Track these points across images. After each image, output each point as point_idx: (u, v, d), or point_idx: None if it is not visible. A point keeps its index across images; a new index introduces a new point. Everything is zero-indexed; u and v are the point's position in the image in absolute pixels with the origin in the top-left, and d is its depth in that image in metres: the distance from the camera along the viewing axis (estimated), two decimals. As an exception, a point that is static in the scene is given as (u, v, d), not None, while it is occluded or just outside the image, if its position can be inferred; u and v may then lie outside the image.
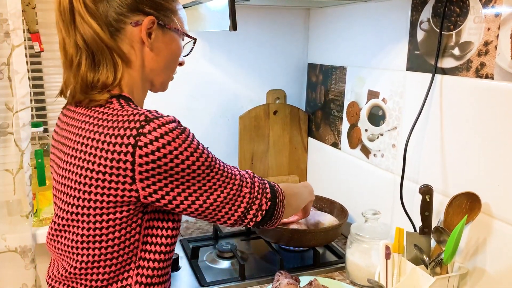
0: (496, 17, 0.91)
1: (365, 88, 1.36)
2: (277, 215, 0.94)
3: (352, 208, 1.43)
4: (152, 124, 0.76)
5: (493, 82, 0.93)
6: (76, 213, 0.81)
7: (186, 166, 0.78)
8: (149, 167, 0.75)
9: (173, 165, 0.76)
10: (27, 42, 1.40)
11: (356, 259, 1.16)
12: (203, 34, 1.56)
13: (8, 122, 1.30)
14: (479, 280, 0.99)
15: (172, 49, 0.91)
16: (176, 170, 0.77)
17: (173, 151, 0.76)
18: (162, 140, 0.75)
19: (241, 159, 1.65)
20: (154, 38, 0.86)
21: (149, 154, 0.74)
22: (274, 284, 1.08)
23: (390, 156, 1.26)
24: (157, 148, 0.75)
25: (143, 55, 0.87)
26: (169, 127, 0.76)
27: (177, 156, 0.76)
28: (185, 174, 0.78)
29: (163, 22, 0.87)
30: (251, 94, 1.68)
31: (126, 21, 0.83)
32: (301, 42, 1.70)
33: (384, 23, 1.27)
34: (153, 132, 0.75)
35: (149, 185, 0.76)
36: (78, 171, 0.80)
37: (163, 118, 0.77)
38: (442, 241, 0.99)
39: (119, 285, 0.84)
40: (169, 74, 0.95)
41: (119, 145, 0.75)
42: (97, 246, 0.81)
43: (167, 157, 0.75)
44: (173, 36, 0.90)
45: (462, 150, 1.02)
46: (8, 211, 1.36)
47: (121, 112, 0.79)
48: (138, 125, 0.75)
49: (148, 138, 0.74)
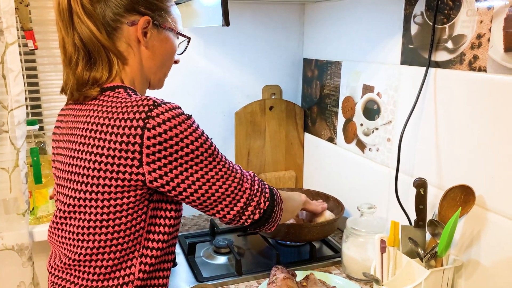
0: (489, 10, 0.91)
1: (360, 83, 1.36)
2: (275, 217, 0.95)
3: (348, 202, 1.43)
4: (160, 108, 0.79)
5: (486, 75, 0.93)
6: (84, 199, 0.83)
7: (190, 150, 0.81)
8: (156, 149, 0.78)
9: (178, 148, 0.79)
10: (21, 40, 1.39)
11: (352, 253, 1.17)
12: (198, 30, 1.56)
13: (3, 120, 1.30)
14: (474, 272, 0.99)
15: (167, 48, 0.94)
16: (180, 154, 0.80)
17: (179, 134, 0.79)
18: (169, 123, 0.78)
19: (237, 155, 1.65)
20: (149, 37, 0.90)
21: (156, 136, 0.77)
22: (271, 279, 1.08)
23: (385, 150, 1.27)
24: (164, 130, 0.78)
25: (140, 54, 0.91)
26: (176, 112, 0.80)
27: (182, 139, 0.79)
28: (189, 159, 0.81)
29: (158, 21, 0.91)
30: (246, 89, 1.67)
31: (122, 21, 0.87)
32: (296, 37, 1.70)
33: (378, 17, 1.27)
34: (161, 116, 0.78)
35: (155, 169, 0.79)
36: (87, 157, 0.82)
37: (170, 104, 0.81)
38: (436, 234, 0.99)
39: (122, 273, 0.85)
40: (165, 72, 0.98)
41: (128, 128, 0.78)
42: (104, 232, 0.83)
43: (173, 139, 0.78)
44: (168, 35, 0.94)
45: (456, 143, 1.02)
46: (5, 209, 1.36)
47: (130, 99, 0.82)
48: (147, 109, 0.79)
49: (156, 120, 0.78)
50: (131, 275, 0.86)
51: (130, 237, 0.84)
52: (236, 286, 1.16)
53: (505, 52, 0.88)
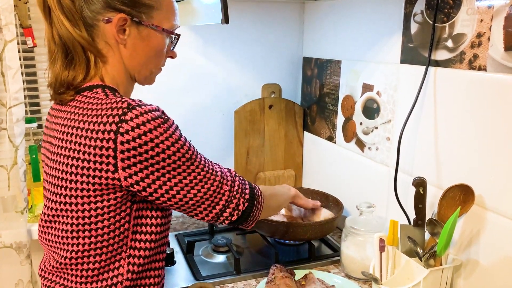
0: (489, 8, 0.91)
1: (359, 82, 1.36)
2: (253, 216, 0.94)
3: (347, 201, 1.43)
4: (135, 111, 0.76)
5: (486, 74, 0.93)
6: (64, 203, 0.82)
7: (167, 156, 0.78)
8: (130, 154, 0.76)
9: (154, 153, 0.77)
10: (20, 37, 1.39)
11: (351, 252, 1.17)
12: (196, 28, 1.56)
13: (2, 118, 1.29)
14: (473, 272, 0.99)
15: (151, 45, 0.89)
16: (156, 159, 0.78)
17: (154, 139, 0.77)
18: (144, 127, 0.76)
19: (237, 154, 1.65)
20: (128, 35, 0.86)
21: (130, 141, 0.75)
22: (269, 278, 1.08)
23: (385, 149, 1.26)
24: (138, 135, 0.75)
25: (120, 52, 0.87)
26: (152, 115, 0.77)
27: (158, 144, 0.77)
28: (166, 165, 0.79)
29: (138, 18, 0.85)
30: (246, 88, 1.67)
31: (98, 18, 0.84)
32: (296, 35, 1.69)
33: (378, 16, 1.27)
34: (135, 119, 0.76)
35: (131, 174, 0.77)
36: (65, 160, 0.81)
37: (146, 107, 0.78)
38: (436, 233, 0.99)
39: (110, 274, 0.85)
40: (151, 69, 0.93)
41: (101, 132, 0.76)
42: (87, 235, 0.82)
43: (148, 144, 0.76)
44: (152, 32, 0.88)
45: (456, 142, 1.02)
46: (3, 207, 1.36)
47: (105, 101, 0.80)
48: (120, 112, 0.76)
49: (130, 124, 0.75)
50: (119, 275, 0.85)
51: (115, 239, 0.83)
52: (235, 285, 1.16)
53: (505, 51, 0.88)
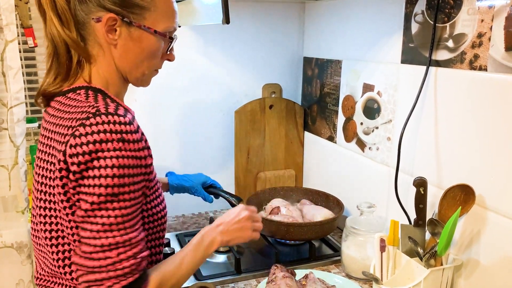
0: (490, 8, 0.91)
1: (360, 82, 1.36)
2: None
3: (348, 201, 1.43)
4: (98, 118, 0.73)
5: (487, 74, 0.93)
6: (44, 215, 0.82)
7: (99, 175, 0.73)
8: (75, 161, 0.73)
9: (91, 166, 0.73)
10: (21, 37, 1.39)
11: (352, 252, 1.17)
12: (197, 28, 1.56)
13: (3, 118, 1.29)
14: (474, 272, 0.99)
15: (143, 47, 0.86)
16: (90, 174, 0.73)
17: (99, 151, 0.72)
18: (96, 136, 0.72)
19: (237, 154, 1.65)
20: (119, 36, 0.84)
21: (77, 146, 0.73)
22: (270, 278, 1.08)
23: (385, 149, 1.27)
24: (87, 142, 0.72)
25: (111, 52, 0.86)
26: (112, 127, 0.73)
27: (99, 159, 0.73)
28: (94, 183, 0.73)
29: (129, 19, 0.83)
30: (246, 88, 1.67)
31: (90, 17, 0.82)
32: (297, 35, 1.69)
33: (378, 16, 1.27)
34: (93, 126, 0.73)
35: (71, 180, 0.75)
36: (43, 164, 0.82)
37: (114, 117, 0.74)
38: (436, 233, 0.99)
39: None
40: (142, 71, 0.89)
41: (64, 135, 0.76)
42: (66, 242, 0.80)
43: (91, 155, 0.72)
44: (144, 34, 0.85)
45: (456, 142, 1.02)
46: (4, 207, 1.36)
47: (82, 104, 0.79)
48: (85, 116, 0.75)
49: (85, 130, 0.73)
50: None
51: None
52: (236, 284, 1.16)
53: (506, 51, 0.88)
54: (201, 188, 1.36)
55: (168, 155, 1.60)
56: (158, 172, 1.43)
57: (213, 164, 1.67)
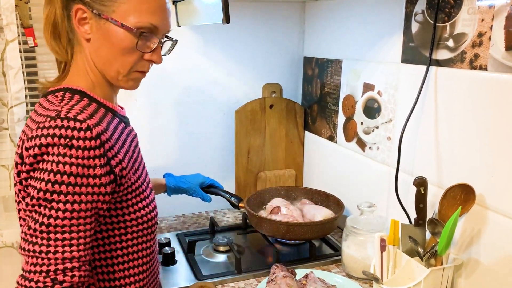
0: (490, 8, 0.91)
1: (360, 81, 1.36)
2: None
3: (348, 201, 1.43)
4: (52, 122, 0.73)
5: (487, 74, 0.93)
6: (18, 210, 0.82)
7: (41, 178, 0.72)
8: (27, 161, 0.74)
9: (37, 167, 0.74)
10: (21, 37, 1.39)
11: (352, 251, 1.17)
12: (197, 28, 1.56)
13: (3, 118, 1.30)
14: (474, 271, 0.99)
15: (113, 42, 0.81)
16: (36, 175, 0.74)
17: (44, 154, 0.72)
18: (44, 140, 0.72)
19: (237, 154, 1.65)
20: (91, 29, 0.81)
21: (28, 149, 0.74)
22: (270, 277, 1.08)
23: (386, 148, 1.26)
24: (38, 144, 0.72)
25: (87, 48, 0.84)
26: (62, 132, 0.72)
27: (44, 161, 0.73)
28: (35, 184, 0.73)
29: (98, 11, 0.79)
30: (247, 88, 1.67)
31: (69, 8, 0.82)
32: (297, 35, 1.69)
33: (379, 16, 1.27)
34: (44, 130, 0.72)
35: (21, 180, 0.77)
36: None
37: (69, 122, 0.72)
38: (436, 233, 0.99)
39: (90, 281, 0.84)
40: (117, 69, 0.84)
41: (27, 140, 0.76)
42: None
43: (36, 158, 0.73)
44: (112, 27, 0.80)
45: (457, 141, 1.02)
46: (5, 207, 1.36)
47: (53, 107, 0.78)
48: (43, 120, 0.74)
49: (40, 132, 0.73)
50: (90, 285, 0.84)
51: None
52: (236, 284, 1.16)
53: (506, 51, 0.88)
54: (199, 189, 1.36)
55: (168, 155, 1.60)
56: (157, 173, 1.44)
57: (213, 164, 1.67)
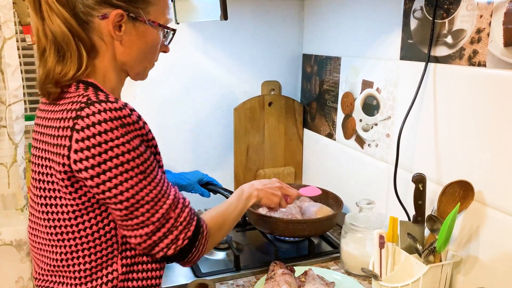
0: (489, 4, 0.91)
1: (359, 78, 1.36)
2: (191, 257, 0.87)
3: (347, 198, 1.43)
4: (92, 108, 0.73)
5: (486, 70, 0.93)
6: (45, 204, 0.82)
7: (120, 162, 0.74)
8: (83, 155, 0.73)
9: (107, 157, 0.74)
10: (19, 35, 1.38)
11: (351, 248, 1.17)
12: (196, 25, 1.55)
13: (1, 116, 1.29)
14: (473, 268, 0.99)
15: (147, 41, 0.87)
16: (109, 166, 0.74)
17: (109, 141, 0.73)
18: (99, 127, 0.73)
19: (237, 151, 1.65)
20: (125, 31, 0.84)
21: (84, 139, 0.73)
22: (269, 274, 1.08)
23: (384, 145, 1.26)
24: (92, 134, 0.72)
25: (114, 48, 0.85)
26: (110, 115, 0.74)
27: (112, 148, 0.73)
28: (118, 173, 0.75)
29: (134, 14, 0.84)
30: (245, 85, 1.67)
31: (93, 14, 0.81)
32: (296, 32, 1.69)
33: (377, 13, 1.27)
34: (91, 117, 0.73)
35: (81, 169, 0.74)
36: (40, 162, 0.82)
37: (107, 104, 0.74)
38: (435, 230, 0.99)
39: (104, 272, 0.83)
40: (145, 65, 0.92)
41: (61, 128, 0.75)
42: (71, 237, 0.80)
43: (101, 146, 0.73)
44: (147, 28, 0.86)
45: (455, 138, 1.02)
46: (3, 205, 1.36)
47: (71, 95, 0.79)
48: (78, 107, 0.74)
49: (85, 122, 0.73)
50: (114, 271, 0.83)
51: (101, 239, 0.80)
52: (235, 281, 1.16)
53: (505, 47, 0.88)
54: (198, 185, 1.36)
55: (167, 153, 1.60)
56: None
57: (212, 161, 1.67)
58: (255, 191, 1.05)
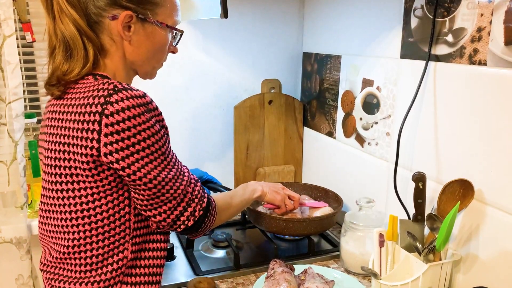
0: (489, 3, 0.91)
1: (359, 77, 1.36)
2: (204, 227, 0.94)
3: (347, 197, 1.43)
4: (120, 94, 0.78)
5: (486, 69, 0.92)
6: (61, 190, 0.83)
7: (147, 145, 0.80)
8: (113, 139, 0.77)
9: (135, 140, 0.78)
10: (19, 32, 1.38)
11: (351, 247, 1.17)
12: (196, 23, 1.55)
13: (1, 113, 1.29)
14: (472, 267, 0.99)
15: (155, 42, 0.91)
16: (137, 148, 0.79)
17: (137, 126, 0.78)
18: (128, 112, 0.77)
19: (236, 149, 1.64)
20: (134, 32, 0.88)
21: (114, 124, 0.77)
22: (269, 273, 1.08)
23: (384, 144, 1.26)
24: (122, 119, 0.77)
25: (124, 48, 0.89)
26: (137, 101, 0.79)
27: (140, 132, 0.78)
28: (145, 155, 0.80)
29: (143, 15, 0.87)
30: (245, 83, 1.67)
31: (104, 15, 0.85)
32: (296, 31, 1.69)
33: (378, 11, 1.26)
34: (120, 103, 0.77)
35: (112, 152, 0.78)
36: (57, 147, 0.83)
37: (133, 91, 0.79)
38: (435, 228, 0.99)
39: (115, 258, 0.86)
40: (153, 65, 0.96)
41: (88, 114, 0.78)
42: (87, 222, 0.83)
43: (130, 130, 0.78)
44: (155, 29, 0.90)
45: (455, 137, 1.02)
46: (3, 203, 1.36)
47: (93, 83, 0.82)
48: (106, 93, 0.78)
49: (115, 107, 0.77)
50: (124, 258, 0.86)
51: (115, 223, 0.84)
52: (234, 279, 1.16)
53: (506, 46, 0.88)
54: None
55: (167, 151, 1.60)
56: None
57: (212, 159, 1.67)
58: (259, 186, 1.18)
